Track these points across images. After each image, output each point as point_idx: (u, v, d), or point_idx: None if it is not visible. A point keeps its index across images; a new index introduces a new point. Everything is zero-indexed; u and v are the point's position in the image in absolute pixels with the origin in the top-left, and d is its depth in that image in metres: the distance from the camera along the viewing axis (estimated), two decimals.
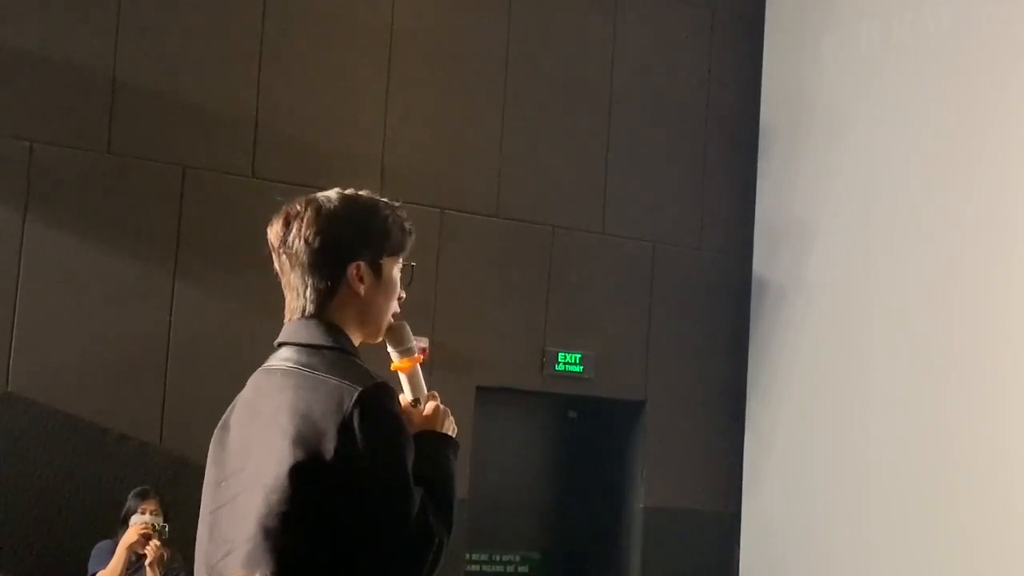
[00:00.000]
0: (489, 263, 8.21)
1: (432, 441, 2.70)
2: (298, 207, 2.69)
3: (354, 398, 2.53)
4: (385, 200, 2.77)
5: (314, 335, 2.66)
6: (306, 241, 2.65)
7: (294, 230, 2.67)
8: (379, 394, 2.57)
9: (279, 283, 2.77)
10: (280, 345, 2.71)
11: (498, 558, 8.49)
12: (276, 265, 2.73)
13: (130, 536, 6.32)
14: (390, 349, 2.84)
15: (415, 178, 7.92)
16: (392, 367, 2.84)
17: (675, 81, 8.89)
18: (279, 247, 2.69)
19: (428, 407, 2.78)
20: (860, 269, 8.17)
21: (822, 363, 8.33)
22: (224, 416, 2.76)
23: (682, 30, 8.95)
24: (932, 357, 7.66)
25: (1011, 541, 7.12)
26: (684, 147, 8.89)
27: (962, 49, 7.78)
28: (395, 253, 2.75)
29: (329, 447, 2.51)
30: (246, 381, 2.80)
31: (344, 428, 2.52)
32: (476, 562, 8.35)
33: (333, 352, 2.64)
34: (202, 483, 2.74)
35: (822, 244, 8.45)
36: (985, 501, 7.29)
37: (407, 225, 2.77)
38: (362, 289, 2.69)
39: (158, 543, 6.31)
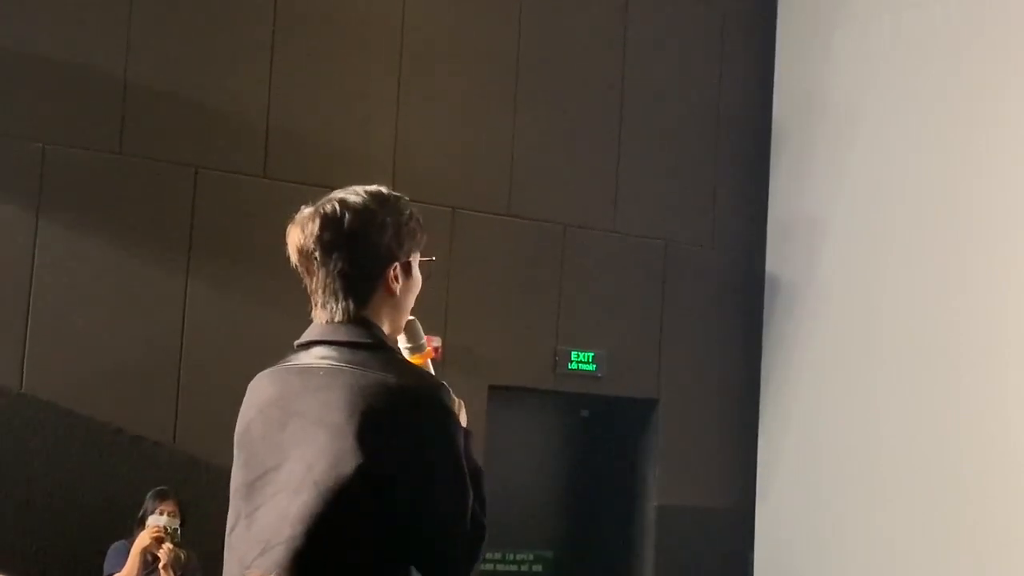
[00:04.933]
0: (501, 262, 8.21)
1: None
2: (333, 209, 2.67)
3: (422, 399, 2.55)
4: (402, 196, 2.79)
5: (357, 333, 2.64)
6: (349, 246, 2.64)
7: (335, 232, 2.64)
8: (444, 395, 2.61)
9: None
10: (311, 344, 2.68)
11: (511, 557, 8.49)
12: (302, 265, 2.70)
13: (143, 539, 6.31)
14: (402, 344, 2.85)
15: (427, 177, 7.91)
16: None
17: (687, 79, 8.87)
18: (314, 250, 2.65)
19: None
20: (873, 266, 8.15)
21: (835, 360, 8.31)
22: (243, 418, 2.72)
23: (693, 28, 8.93)
24: (945, 354, 7.64)
25: (1023, 537, 7.10)
26: (696, 145, 8.87)
27: (973, 43, 7.76)
28: (418, 249, 2.78)
29: (398, 447, 2.51)
30: None
31: (415, 429, 2.53)
32: (490, 560, 8.35)
33: (381, 351, 2.64)
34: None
35: (835, 241, 8.44)
36: (999, 499, 7.27)
37: (421, 220, 2.80)
38: (397, 288, 2.71)
39: (171, 546, 6.30)
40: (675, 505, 8.58)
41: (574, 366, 8.35)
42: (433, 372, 2.85)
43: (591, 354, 8.39)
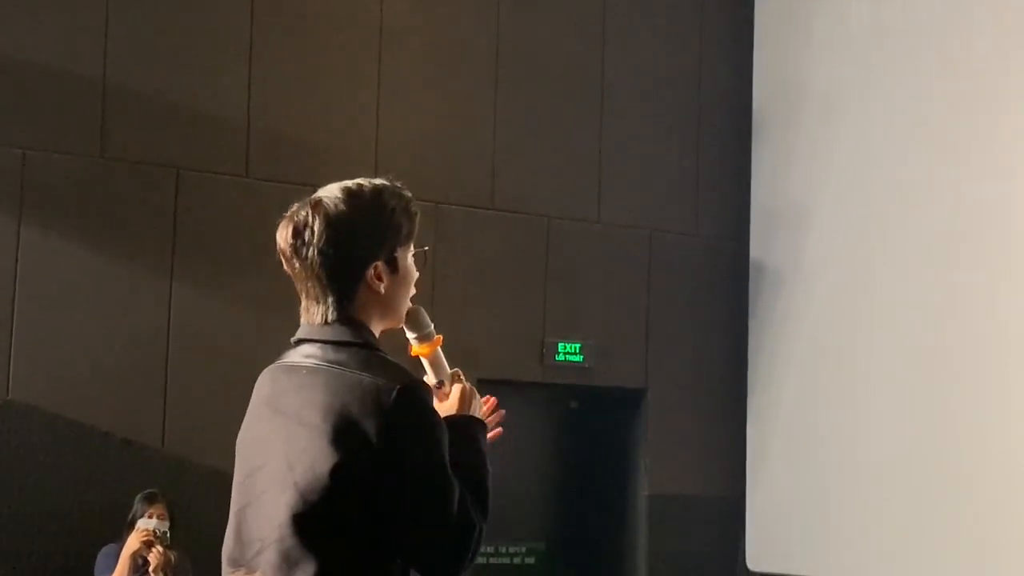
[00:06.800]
0: (486, 255, 8.21)
1: (462, 425, 2.71)
2: (305, 215, 2.63)
3: (393, 396, 2.53)
4: (386, 184, 2.72)
5: (340, 333, 2.63)
6: (320, 252, 2.60)
7: (306, 239, 2.61)
8: (418, 392, 2.58)
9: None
10: (299, 342, 2.67)
11: (504, 550, 8.49)
12: (287, 268, 2.68)
13: (132, 544, 6.32)
14: (409, 334, 2.82)
15: (409, 172, 7.70)
16: (412, 352, 2.84)
17: (666, 68, 8.87)
18: (291, 256, 2.63)
19: (454, 390, 2.80)
20: (857, 252, 8.16)
21: (822, 346, 8.33)
22: (246, 416, 2.74)
23: (672, 16, 8.93)
24: (932, 339, 7.65)
25: (1015, 520, 7.12)
26: (678, 134, 8.88)
27: (954, 30, 7.77)
28: (407, 242, 2.72)
29: (371, 446, 2.50)
30: (247, 381, 2.79)
31: (386, 427, 2.51)
32: (482, 554, 8.25)
33: (363, 349, 2.62)
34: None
35: (819, 227, 8.45)
36: (988, 481, 7.29)
37: (412, 208, 2.73)
38: (382, 288, 2.66)
39: (160, 549, 6.30)
40: (666, 494, 8.59)
41: (561, 357, 8.35)
42: (444, 360, 2.83)
43: (578, 345, 8.40)
